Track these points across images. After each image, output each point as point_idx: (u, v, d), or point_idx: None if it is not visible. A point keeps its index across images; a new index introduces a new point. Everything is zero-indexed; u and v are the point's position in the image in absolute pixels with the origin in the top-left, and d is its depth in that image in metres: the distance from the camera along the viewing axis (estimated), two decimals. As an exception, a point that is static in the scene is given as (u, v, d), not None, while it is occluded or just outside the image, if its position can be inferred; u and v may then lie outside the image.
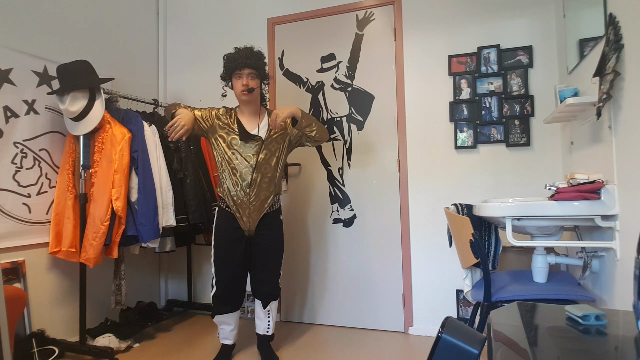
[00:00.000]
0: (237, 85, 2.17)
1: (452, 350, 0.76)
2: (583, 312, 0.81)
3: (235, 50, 2.17)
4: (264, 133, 2.20)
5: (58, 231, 2.40)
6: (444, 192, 2.64)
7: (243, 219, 2.18)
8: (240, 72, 2.14)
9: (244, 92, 2.14)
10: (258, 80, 2.19)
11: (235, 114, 2.25)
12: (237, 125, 2.20)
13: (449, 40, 2.65)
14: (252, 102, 2.21)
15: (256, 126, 2.21)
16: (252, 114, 2.24)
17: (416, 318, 2.68)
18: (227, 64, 2.17)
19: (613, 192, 1.60)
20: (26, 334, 2.25)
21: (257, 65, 2.15)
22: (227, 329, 2.27)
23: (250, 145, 2.17)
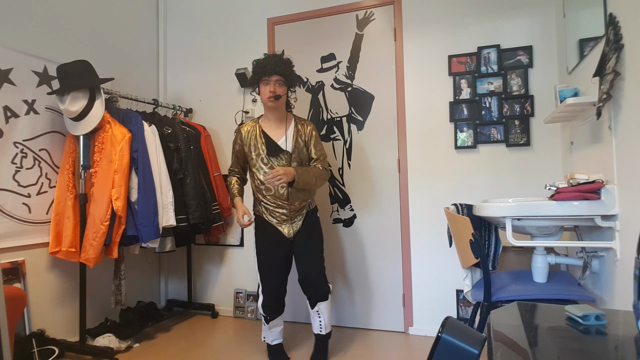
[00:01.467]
0: (264, 91, 2.18)
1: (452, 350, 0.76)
2: (583, 312, 0.81)
3: (265, 57, 2.19)
4: (291, 140, 2.23)
5: (58, 231, 2.40)
6: (444, 192, 2.64)
7: (285, 230, 2.22)
8: (268, 78, 2.16)
9: (271, 99, 2.16)
10: (285, 87, 2.21)
11: (259, 125, 2.26)
12: (264, 138, 2.22)
13: (449, 40, 2.64)
14: (278, 109, 2.23)
15: (283, 134, 2.23)
16: (279, 121, 2.26)
17: (416, 318, 2.68)
18: (256, 69, 2.19)
19: (613, 192, 1.60)
20: (26, 334, 2.25)
21: (285, 72, 2.17)
22: (277, 330, 2.30)
23: (279, 159, 2.20)
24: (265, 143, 2.22)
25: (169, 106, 3.12)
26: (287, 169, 2.09)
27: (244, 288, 3.12)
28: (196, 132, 2.95)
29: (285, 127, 2.25)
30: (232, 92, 3.20)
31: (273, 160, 2.21)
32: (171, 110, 3.19)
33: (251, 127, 2.27)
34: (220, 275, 3.19)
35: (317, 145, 2.28)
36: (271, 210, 2.22)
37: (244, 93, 3.16)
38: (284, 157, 2.21)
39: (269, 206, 2.22)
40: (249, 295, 3.08)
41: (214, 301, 3.20)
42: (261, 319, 2.26)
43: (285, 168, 2.09)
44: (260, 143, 2.22)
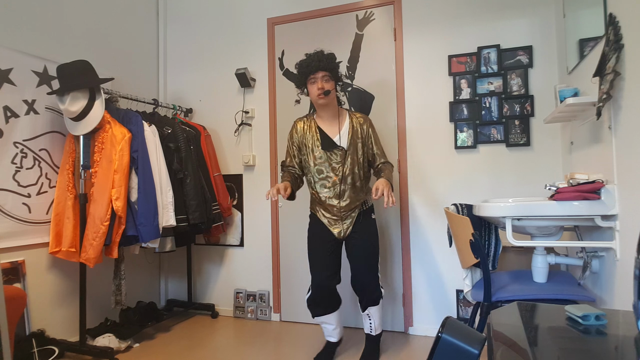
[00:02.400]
0: (312, 90, 2.16)
1: (452, 350, 0.76)
2: (583, 312, 0.81)
3: (307, 56, 2.17)
4: (345, 137, 2.20)
5: (58, 231, 2.40)
6: (444, 192, 2.64)
7: (336, 228, 2.20)
8: (314, 76, 2.14)
9: (321, 96, 2.13)
10: (333, 82, 2.18)
11: (314, 121, 2.25)
12: (319, 133, 2.21)
13: (449, 40, 2.64)
14: (330, 105, 2.20)
15: (337, 130, 2.21)
16: (332, 118, 2.23)
17: (416, 318, 2.68)
18: (300, 70, 2.17)
19: (613, 192, 1.60)
20: (26, 334, 2.25)
21: (330, 67, 2.14)
22: (329, 328, 2.27)
23: (334, 155, 2.18)
24: (320, 138, 2.20)
25: (169, 106, 3.12)
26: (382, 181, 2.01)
27: (244, 288, 3.12)
28: (196, 132, 2.95)
29: (339, 124, 2.22)
30: (232, 92, 3.20)
31: (328, 156, 2.19)
32: (171, 110, 3.19)
33: (306, 121, 2.26)
34: (220, 275, 3.19)
35: (377, 141, 2.25)
36: (323, 208, 2.21)
37: (244, 93, 3.16)
38: (339, 153, 2.18)
39: (321, 203, 2.21)
40: (249, 295, 3.08)
41: (214, 301, 3.20)
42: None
43: (381, 182, 1.99)
44: (315, 138, 2.21)
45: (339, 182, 2.17)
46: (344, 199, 2.18)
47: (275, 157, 3.04)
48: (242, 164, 3.15)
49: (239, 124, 3.17)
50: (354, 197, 2.19)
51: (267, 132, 3.08)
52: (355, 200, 2.20)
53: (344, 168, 2.17)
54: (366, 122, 2.24)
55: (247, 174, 3.14)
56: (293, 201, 2.63)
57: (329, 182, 2.18)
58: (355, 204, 2.20)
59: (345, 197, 2.18)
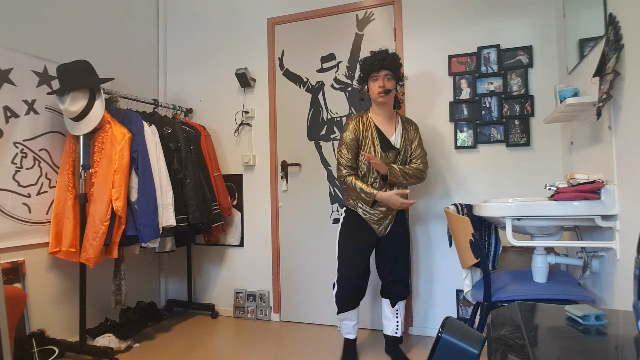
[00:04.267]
0: (373, 87, 2.18)
1: (452, 350, 0.76)
2: (583, 312, 0.81)
3: (372, 54, 2.19)
4: (399, 138, 2.24)
5: (58, 231, 2.40)
6: (444, 192, 2.64)
7: (377, 225, 2.20)
8: (377, 74, 2.16)
9: (381, 94, 2.15)
10: (394, 81, 2.21)
11: (370, 119, 2.25)
12: (377, 132, 2.22)
13: (449, 40, 2.64)
14: (388, 104, 2.23)
15: (393, 131, 2.24)
16: (389, 117, 2.25)
17: (416, 318, 2.68)
18: (364, 67, 2.19)
19: (613, 192, 1.60)
20: (26, 334, 2.25)
21: (393, 66, 2.17)
22: (350, 324, 2.26)
23: (389, 155, 2.20)
24: (378, 137, 2.21)
25: (169, 106, 3.12)
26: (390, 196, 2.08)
27: (244, 288, 3.12)
28: (196, 132, 2.95)
29: (395, 125, 2.26)
30: (232, 92, 3.20)
31: (384, 155, 2.20)
32: (171, 110, 3.19)
33: (363, 119, 2.25)
34: (220, 275, 3.19)
35: (420, 144, 2.27)
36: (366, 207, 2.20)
37: (244, 93, 3.16)
38: (393, 154, 2.21)
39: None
40: (249, 295, 3.08)
41: (214, 301, 3.20)
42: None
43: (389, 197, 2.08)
44: (374, 136, 2.21)
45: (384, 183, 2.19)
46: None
47: (275, 157, 3.04)
48: (242, 164, 3.15)
49: (239, 124, 3.17)
50: None
51: (267, 132, 3.08)
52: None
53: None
54: (414, 125, 2.30)
55: (247, 174, 3.14)
56: (290, 200, 2.63)
57: (379, 182, 2.19)
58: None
59: None
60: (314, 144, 2.95)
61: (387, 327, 2.28)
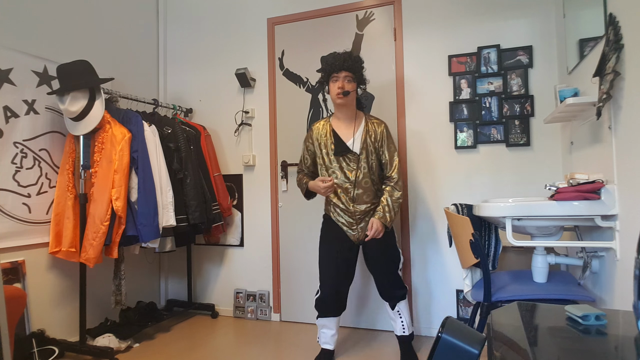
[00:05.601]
0: (333, 88, 2.16)
1: (452, 350, 0.76)
2: (583, 312, 0.81)
3: (333, 54, 2.18)
4: (359, 141, 2.19)
5: (58, 231, 2.40)
6: (444, 192, 2.64)
7: (352, 231, 2.20)
8: (337, 75, 2.15)
9: (339, 95, 2.13)
10: (354, 83, 2.19)
11: (330, 124, 2.25)
12: (333, 136, 2.21)
13: (449, 40, 2.64)
14: (348, 106, 2.20)
15: (352, 134, 2.21)
16: (348, 119, 2.23)
17: (416, 318, 2.68)
18: (324, 67, 2.18)
19: (613, 192, 1.60)
20: (26, 334, 2.25)
21: (354, 68, 2.14)
22: (328, 334, 2.25)
23: (347, 160, 2.18)
24: (334, 142, 2.20)
25: (169, 106, 3.12)
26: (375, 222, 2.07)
27: (244, 288, 3.12)
28: (196, 132, 2.95)
29: (355, 127, 2.21)
30: (232, 92, 3.20)
31: (341, 160, 2.19)
32: (171, 110, 3.19)
33: (322, 125, 2.27)
34: (220, 275, 3.19)
35: (389, 148, 2.21)
36: (339, 212, 2.21)
37: (244, 93, 3.16)
38: (352, 158, 2.18)
39: (337, 207, 2.21)
40: (249, 295, 3.08)
41: (214, 301, 3.20)
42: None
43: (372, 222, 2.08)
44: (329, 142, 2.21)
45: (353, 187, 2.17)
46: (358, 203, 2.18)
47: (275, 157, 3.04)
48: (242, 164, 3.15)
49: (239, 124, 3.17)
50: (369, 201, 2.18)
51: (267, 132, 3.08)
52: (370, 204, 2.19)
53: (357, 173, 2.17)
54: (381, 126, 2.22)
55: (247, 174, 3.14)
56: (290, 200, 2.64)
57: (343, 187, 2.18)
58: (371, 207, 2.19)
59: (360, 201, 2.17)
60: (314, 144, 2.95)
61: (395, 327, 2.27)
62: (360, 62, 2.18)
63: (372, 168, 2.18)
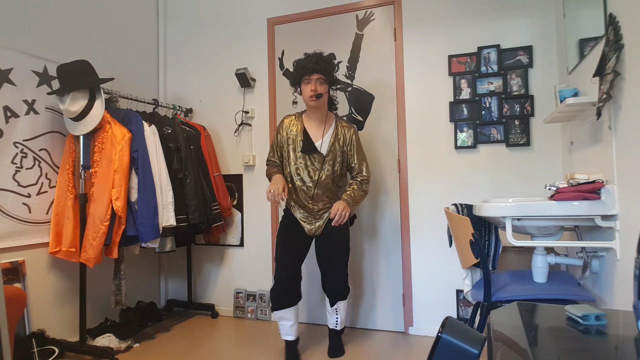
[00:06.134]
0: (305, 90, 2.20)
1: (452, 350, 0.76)
2: (583, 312, 0.81)
3: (305, 56, 2.20)
4: (327, 143, 2.24)
5: (58, 231, 2.40)
6: (444, 192, 2.64)
7: (308, 225, 2.25)
8: (309, 77, 2.17)
9: (312, 98, 2.17)
10: (327, 85, 2.22)
11: (302, 120, 2.29)
12: (303, 135, 2.24)
13: (449, 40, 2.64)
14: (320, 108, 2.24)
15: (321, 135, 2.25)
16: (319, 120, 2.27)
17: (416, 318, 2.68)
18: (297, 69, 2.20)
19: (613, 192, 1.60)
20: (26, 334, 2.25)
21: (325, 70, 2.18)
22: (287, 325, 2.28)
23: (313, 159, 2.23)
24: (303, 140, 2.23)
25: (169, 106, 3.12)
26: (339, 203, 2.13)
27: (244, 288, 3.12)
28: (196, 132, 2.95)
29: (324, 129, 2.26)
30: (232, 92, 3.20)
31: (306, 158, 2.23)
32: (171, 110, 3.19)
33: (294, 120, 2.30)
34: (220, 275, 3.19)
35: (358, 152, 2.28)
36: (298, 206, 2.26)
37: (244, 93, 3.16)
38: (317, 158, 2.22)
39: (297, 201, 2.26)
40: (249, 295, 3.08)
41: (214, 301, 3.20)
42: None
43: (338, 203, 2.13)
44: (298, 139, 2.25)
45: (314, 186, 2.22)
46: (317, 201, 2.24)
47: (275, 157, 3.04)
48: (242, 164, 3.15)
49: (239, 124, 3.17)
50: (328, 201, 2.26)
51: (267, 132, 3.08)
52: (329, 203, 2.26)
53: (320, 173, 2.22)
54: (350, 130, 2.28)
55: (247, 174, 3.14)
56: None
57: (305, 184, 2.24)
58: (328, 206, 2.26)
59: (319, 200, 2.24)
60: (314, 144, 2.95)
61: (329, 320, 2.35)
62: (332, 64, 2.22)
63: (336, 171, 2.25)
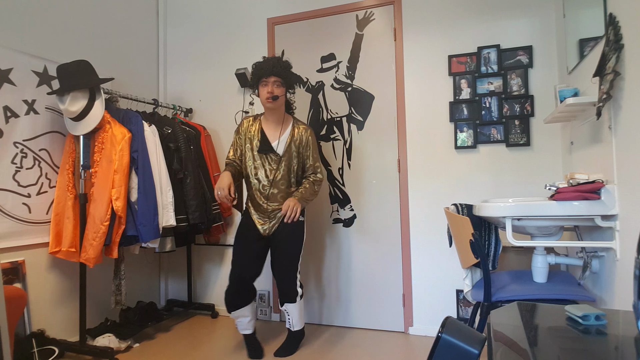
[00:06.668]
0: (262, 92, 2.25)
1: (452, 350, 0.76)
2: (583, 312, 0.81)
3: (264, 59, 2.26)
4: (283, 144, 2.29)
5: (58, 231, 2.40)
6: (444, 192, 2.64)
7: (262, 225, 2.29)
8: (266, 79, 2.22)
9: (269, 100, 2.22)
10: (283, 88, 2.27)
11: (260, 122, 2.34)
12: (260, 135, 2.30)
13: (449, 40, 2.64)
14: (277, 110, 2.30)
15: (277, 136, 2.30)
16: (276, 122, 2.32)
17: (416, 318, 2.68)
18: (255, 71, 2.26)
19: (613, 192, 1.60)
20: (26, 334, 2.25)
21: (282, 73, 2.23)
22: (244, 321, 2.35)
23: (269, 159, 2.28)
24: (260, 140, 2.29)
25: (169, 106, 3.12)
26: (290, 200, 2.18)
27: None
28: (196, 132, 2.95)
29: (281, 130, 2.31)
30: (232, 92, 3.20)
31: (263, 158, 2.29)
32: (171, 110, 3.19)
33: (252, 121, 2.37)
34: (220, 275, 3.19)
35: (313, 154, 2.34)
36: (254, 206, 2.31)
37: (244, 93, 3.16)
38: (274, 158, 2.28)
39: (253, 201, 2.31)
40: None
41: (214, 301, 3.20)
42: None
43: (289, 200, 2.18)
44: (256, 139, 2.31)
45: (269, 186, 2.27)
46: (271, 201, 2.28)
47: (275, 157, 3.04)
48: (242, 164, 3.14)
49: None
50: (281, 202, 2.29)
51: (267, 132, 3.08)
52: (280, 203, 2.29)
53: (275, 173, 2.27)
54: (307, 132, 2.34)
55: (247, 174, 3.13)
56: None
57: (261, 184, 2.29)
58: (280, 207, 2.29)
59: (274, 200, 2.29)
60: (314, 144, 2.95)
61: (286, 320, 2.39)
62: (289, 67, 2.28)
63: (292, 171, 2.30)
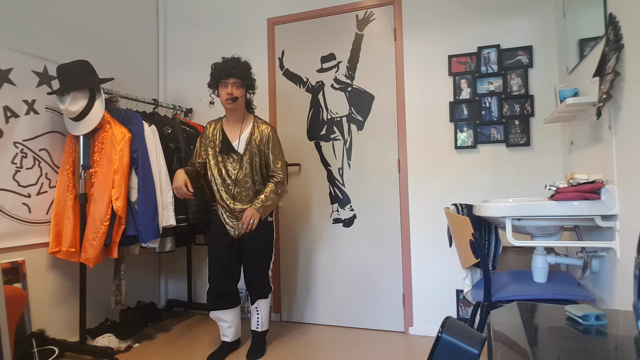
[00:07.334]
0: (222, 93, 2.27)
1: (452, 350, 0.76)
2: (583, 312, 0.82)
3: (223, 60, 2.27)
4: (244, 143, 2.30)
5: (58, 231, 2.40)
6: (444, 192, 2.64)
7: (231, 225, 2.31)
8: (225, 80, 2.24)
9: (228, 101, 2.24)
10: (243, 89, 2.28)
11: (221, 123, 2.37)
12: (221, 135, 2.32)
13: (449, 40, 2.64)
14: (237, 111, 2.31)
15: (238, 135, 2.32)
16: (236, 122, 2.34)
17: (416, 318, 2.68)
18: (214, 72, 2.27)
19: (613, 192, 1.60)
20: (26, 334, 2.25)
21: (242, 75, 2.24)
22: (223, 326, 2.37)
23: (230, 158, 2.30)
24: (221, 141, 2.32)
25: (169, 106, 3.12)
26: (249, 211, 2.20)
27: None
28: (196, 132, 2.95)
29: (242, 129, 2.33)
30: (232, 92, 3.20)
31: (225, 158, 2.30)
32: (171, 110, 3.19)
33: (215, 124, 2.40)
34: (220, 275, 3.19)
35: (274, 151, 2.32)
36: (222, 207, 2.33)
37: (244, 93, 3.16)
38: (235, 157, 2.29)
39: (221, 201, 2.33)
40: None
41: (214, 301, 3.20)
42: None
43: (247, 212, 2.20)
44: (218, 141, 2.33)
45: (233, 185, 2.28)
46: (238, 200, 2.30)
47: (275, 157, 3.04)
48: (242, 164, 3.14)
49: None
50: (248, 200, 2.31)
51: (267, 132, 3.08)
52: (249, 203, 2.31)
53: (238, 172, 2.28)
54: (268, 129, 2.33)
55: (247, 174, 3.13)
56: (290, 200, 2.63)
57: (225, 184, 2.30)
58: (248, 206, 2.30)
59: (239, 199, 2.30)
60: (314, 144, 2.95)
61: (251, 321, 2.42)
62: (249, 68, 2.29)
63: (254, 169, 2.30)
